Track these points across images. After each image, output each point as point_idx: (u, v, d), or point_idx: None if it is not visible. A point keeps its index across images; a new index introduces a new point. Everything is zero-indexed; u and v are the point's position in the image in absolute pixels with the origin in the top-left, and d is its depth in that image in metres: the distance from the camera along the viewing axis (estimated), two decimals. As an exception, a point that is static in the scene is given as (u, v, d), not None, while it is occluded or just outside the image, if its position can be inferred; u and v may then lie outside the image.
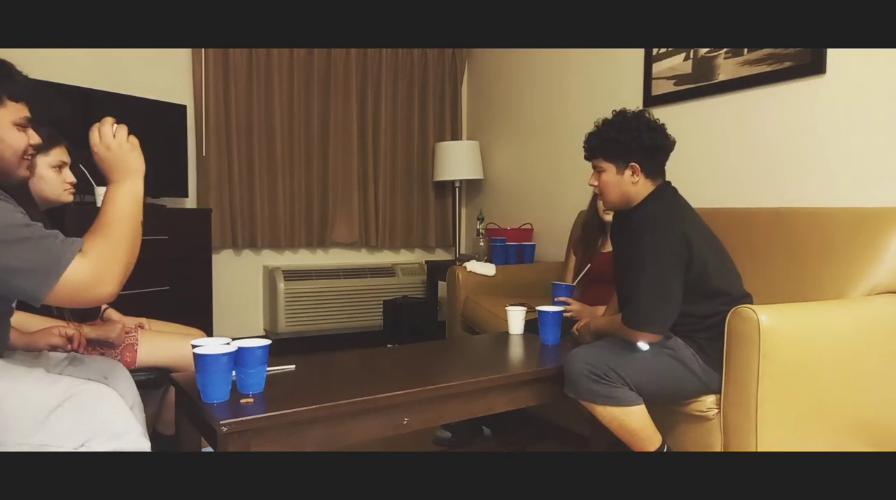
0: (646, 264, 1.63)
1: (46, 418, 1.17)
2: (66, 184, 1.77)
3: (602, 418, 1.64)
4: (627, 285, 1.71)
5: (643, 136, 1.72)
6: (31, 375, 1.25)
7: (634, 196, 1.77)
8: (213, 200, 3.53)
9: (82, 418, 1.19)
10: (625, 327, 1.66)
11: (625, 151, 1.73)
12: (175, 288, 2.96)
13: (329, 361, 1.85)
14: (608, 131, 1.76)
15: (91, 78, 3.09)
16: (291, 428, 1.35)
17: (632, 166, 1.74)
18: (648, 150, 1.73)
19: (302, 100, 3.77)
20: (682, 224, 1.67)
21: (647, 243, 1.64)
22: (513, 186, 3.89)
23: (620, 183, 1.76)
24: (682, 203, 1.78)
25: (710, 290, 1.68)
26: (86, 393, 1.23)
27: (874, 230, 1.82)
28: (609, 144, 1.75)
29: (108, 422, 1.22)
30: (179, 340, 1.78)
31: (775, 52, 2.35)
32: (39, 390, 1.20)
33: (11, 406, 1.16)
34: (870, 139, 2.11)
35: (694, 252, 1.64)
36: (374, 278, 3.99)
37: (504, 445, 2.36)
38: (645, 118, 1.76)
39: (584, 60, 3.28)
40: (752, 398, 1.56)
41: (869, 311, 1.75)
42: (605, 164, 1.78)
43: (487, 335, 2.39)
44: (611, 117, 1.80)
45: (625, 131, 1.73)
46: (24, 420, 1.15)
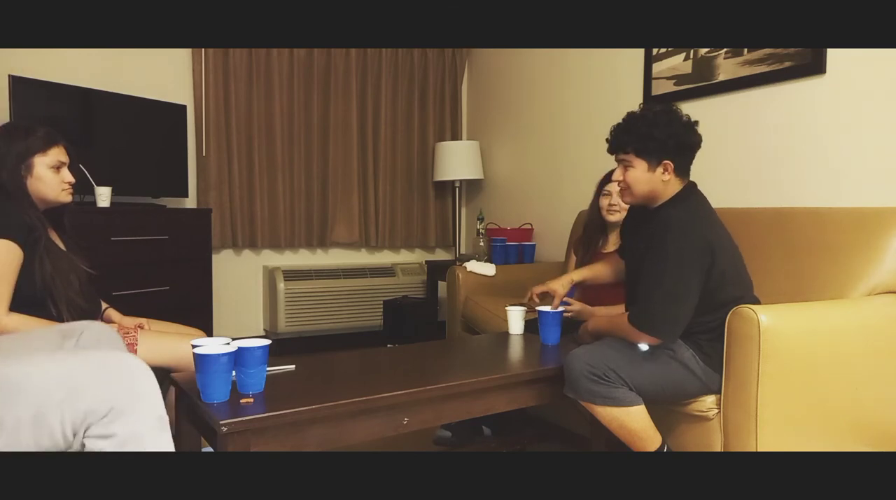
0: (665, 269, 1.59)
1: (74, 385, 1.16)
2: (64, 184, 1.75)
3: (602, 418, 1.64)
4: (640, 285, 1.66)
5: (679, 134, 1.65)
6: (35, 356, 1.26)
7: (661, 195, 1.71)
8: (213, 200, 3.53)
9: (111, 381, 1.18)
10: (629, 327, 1.64)
11: (659, 148, 1.65)
12: (175, 288, 2.96)
13: (329, 361, 1.85)
14: (641, 126, 1.66)
15: (91, 78, 3.09)
16: (291, 428, 1.35)
17: (664, 164, 1.67)
18: (684, 148, 1.68)
19: (302, 100, 3.77)
20: (707, 233, 1.63)
21: (669, 248, 1.59)
22: (513, 186, 3.90)
23: (651, 181, 1.69)
24: (708, 207, 1.73)
25: (722, 299, 1.64)
26: (111, 358, 1.24)
27: (874, 230, 1.82)
28: (642, 140, 1.66)
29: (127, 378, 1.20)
30: (179, 340, 1.78)
31: (775, 53, 2.35)
32: (58, 362, 1.20)
33: (37, 379, 1.16)
34: (870, 139, 2.11)
35: (716, 262, 1.61)
36: (374, 278, 3.99)
37: (504, 445, 2.35)
38: (679, 114, 1.68)
39: (584, 60, 3.28)
40: (752, 398, 1.56)
41: (869, 311, 1.75)
42: (635, 160, 1.68)
43: (487, 335, 2.39)
44: (639, 111, 1.70)
45: (660, 127, 1.64)
46: (52, 392, 1.14)
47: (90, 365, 1.20)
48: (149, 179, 3.17)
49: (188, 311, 2.92)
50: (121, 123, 3.02)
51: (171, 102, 3.26)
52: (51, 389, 1.15)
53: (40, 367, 1.19)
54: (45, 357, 1.25)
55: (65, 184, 1.76)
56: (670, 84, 2.76)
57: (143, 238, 2.86)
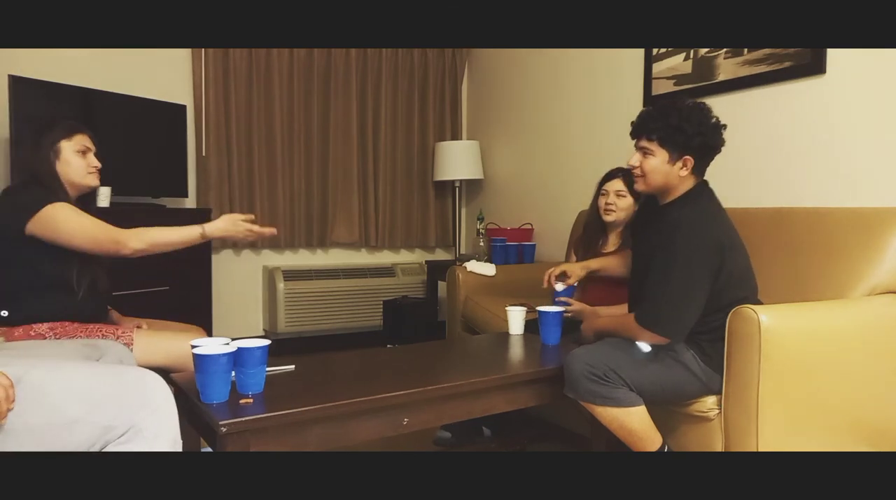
0: (675, 268, 1.58)
1: (97, 399, 1.19)
2: (90, 167, 1.84)
3: (602, 418, 1.63)
4: (648, 284, 1.65)
5: (707, 133, 1.65)
6: (68, 364, 1.28)
7: (674, 189, 1.71)
8: (212, 199, 3.53)
9: (128, 396, 1.21)
10: (635, 326, 1.63)
11: (685, 142, 1.64)
12: (175, 288, 2.96)
13: (329, 361, 1.85)
14: (672, 117, 1.64)
15: (91, 78, 3.09)
16: (291, 428, 1.35)
17: (685, 160, 1.66)
18: (707, 148, 1.67)
19: (302, 100, 3.77)
20: (718, 233, 1.62)
21: (680, 247, 1.59)
22: (513, 186, 3.89)
23: (668, 173, 1.68)
24: (718, 206, 1.73)
25: (727, 300, 1.63)
26: (129, 374, 1.26)
27: (874, 230, 1.82)
28: (670, 131, 1.64)
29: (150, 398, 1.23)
30: (175, 340, 1.78)
31: (775, 53, 2.35)
32: (81, 377, 1.23)
33: (61, 389, 1.19)
34: (869, 139, 2.11)
35: (724, 264, 1.61)
36: (374, 278, 3.99)
37: (504, 445, 2.35)
38: (710, 114, 1.68)
39: (584, 60, 3.28)
40: (752, 399, 1.56)
41: (869, 311, 1.75)
42: (657, 149, 1.67)
43: (487, 335, 2.39)
44: (671, 102, 1.70)
45: (692, 123, 1.63)
46: (74, 403, 1.17)
47: (114, 381, 1.23)
48: (148, 179, 3.17)
49: (188, 311, 2.92)
50: (121, 123, 3.02)
51: (170, 101, 3.26)
52: (75, 399, 1.17)
53: (68, 377, 1.21)
54: (73, 368, 1.27)
55: (91, 167, 1.84)
56: (670, 84, 2.76)
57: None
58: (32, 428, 1.14)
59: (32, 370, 1.19)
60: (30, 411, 1.14)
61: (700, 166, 1.70)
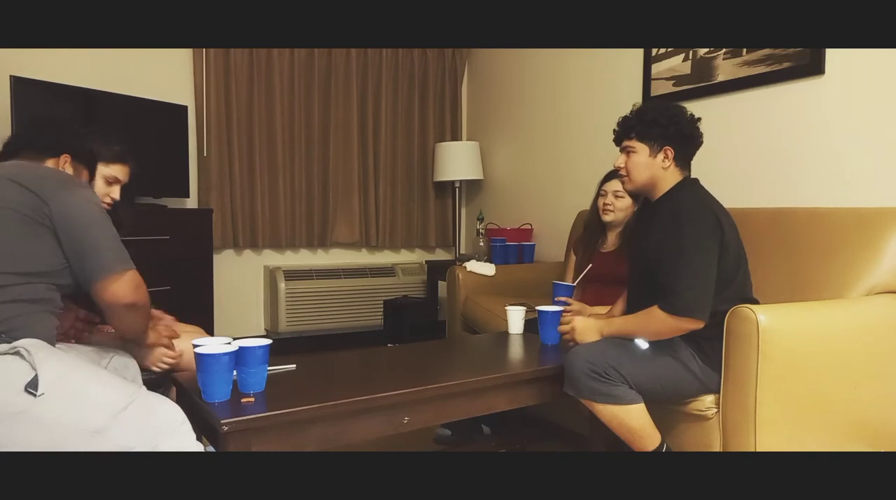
0: (687, 252, 1.60)
1: (116, 416, 1.22)
2: (108, 197, 1.74)
3: (602, 416, 1.64)
4: (665, 273, 1.65)
5: (682, 123, 1.73)
6: (100, 374, 1.31)
7: (661, 182, 1.76)
8: (214, 200, 3.53)
9: (147, 418, 1.25)
10: (661, 317, 1.61)
11: (662, 133, 1.73)
12: (176, 288, 2.96)
13: (329, 360, 1.85)
14: (647, 114, 1.75)
15: (92, 78, 3.10)
16: (292, 428, 1.36)
17: (665, 150, 1.73)
18: (685, 138, 1.74)
19: (302, 100, 3.78)
20: (717, 213, 1.67)
21: (687, 231, 1.62)
22: (513, 186, 3.90)
23: (651, 166, 1.75)
24: (713, 198, 1.77)
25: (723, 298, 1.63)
26: (146, 396, 1.29)
27: (874, 230, 1.82)
28: (647, 125, 1.74)
29: (167, 418, 1.27)
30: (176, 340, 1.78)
31: (774, 53, 2.35)
32: (109, 390, 1.25)
33: (90, 399, 1.22)
34: (869, 139, 2.11)
35: (724, 239, 1.64)
36: (375, 278, 3.99)
37: (504, 444, 2.36)
38: (684, 109, 1.77)
39: (584, 60, 3.28)
40: (750, 398, 1.56)
41: (868, 311, 1.76)
42: (637, 145, 1.76)
43: (487, 335, 2.39)
44: (647, 105, 1.80)
45: (666, 115, 1.73)
46: (96, 415, 1.20)
47: (137, 401, 1.26)
48: (150, 179, 3.17)
49: (189, 311, 2.91)
50: (122, 124, 3.03)
51: (172, 102, 3.26)
52: (106, 411, 1.21)
53: (101, 384, 1.25)
54: (108, 378, 1.29)
55: (108, 198, 1.75)
56: (669, 85, 2.77)
57: (145, 238, 2.86)
58: (65, 426, 1.17)
59: (75, 371, 1.23)
60: (67, 408, 1.18)
61: (682, 158, 1.75)
